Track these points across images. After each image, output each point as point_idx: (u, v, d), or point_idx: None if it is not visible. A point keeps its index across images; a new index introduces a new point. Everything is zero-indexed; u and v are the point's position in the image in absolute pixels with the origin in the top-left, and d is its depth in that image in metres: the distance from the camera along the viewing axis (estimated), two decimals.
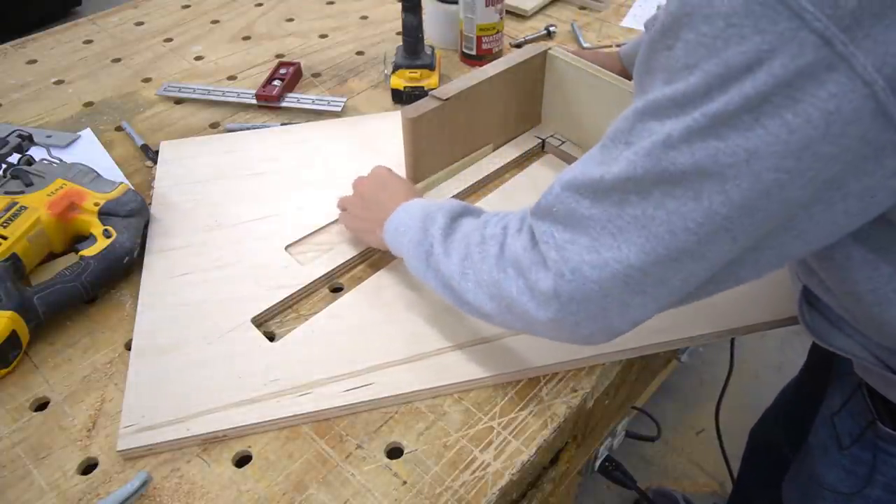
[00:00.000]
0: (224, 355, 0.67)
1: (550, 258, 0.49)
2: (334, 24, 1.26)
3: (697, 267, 0.45)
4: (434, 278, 0.61)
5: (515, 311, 0.53)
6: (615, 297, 0.48)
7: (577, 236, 0.48)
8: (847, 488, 0.65)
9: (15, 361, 0.67)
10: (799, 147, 0.38)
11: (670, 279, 0.46)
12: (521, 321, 0.54)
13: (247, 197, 0.85)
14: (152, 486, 0.58)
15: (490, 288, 0.55)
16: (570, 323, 0.50)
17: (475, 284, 0.57)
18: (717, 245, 0.44)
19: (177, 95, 1.05)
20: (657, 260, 0.45)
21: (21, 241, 0.72)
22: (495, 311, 0.56)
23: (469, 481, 0.58)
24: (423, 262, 0.62)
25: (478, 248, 0.57)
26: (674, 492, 1.39)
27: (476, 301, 0.57)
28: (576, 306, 0.49)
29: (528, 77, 0.90)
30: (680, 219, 0.43)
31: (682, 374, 1.67)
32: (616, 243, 0.46)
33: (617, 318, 0.50)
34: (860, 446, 0.63)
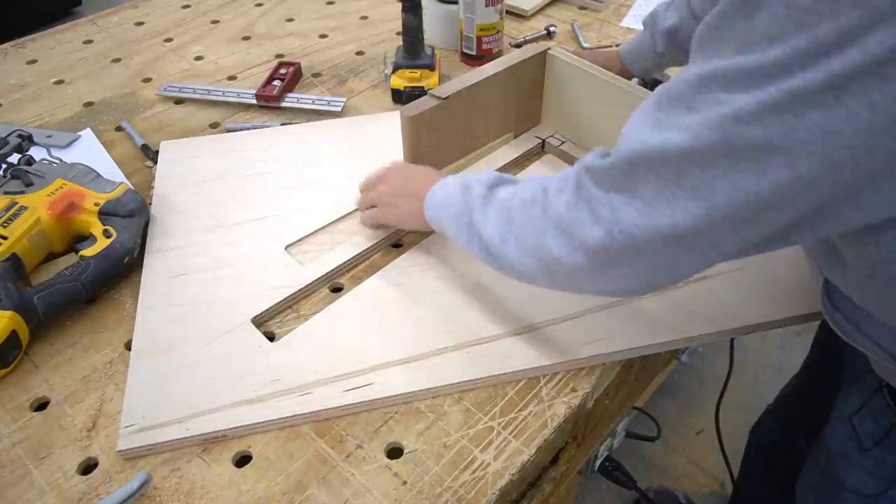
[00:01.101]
0: (224, 355, 0.67)
1: (602, 217, 0.49)
2: (334, 24, 1.26)
3: (753, 233, 0.45)
4: (477, 245, 0.62)
5: (559, 270, 0.54)
6: (664, 256, 0.48)
7: (632, 199, 0.47)
8: (870, 489, 0.65)
9: (15, 361, 0.67)
10: (882, 127, 0.37)
11: (723, 243, 0.46)
12: (566, 278, 0.55)
13: (247, 197, 0.85)
14: (152, 486, 0.58)
15: (532, 249, 0.56)
16: (616, 275, 0.51)
17: (517, 247, 0.57)
18: (776, 214, 0.43)
19: (177, 95, 1.05)
20: (713, 228, 0.45)
21: (21, 241, 0.72)
22: (538, 272, 0.57)
23: (469, 481, 0.58)
24: (465, 231, 0.63)
25: (518, 212, 0.57)
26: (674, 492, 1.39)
27: (519, 263, 0.58)
28: (623, 261, 0.49)
29: (528, 77, 0.90)
30: (742, 191, 0.42)
31: (682, 374, 1.67)
32: (671, 210, 0.45)
33: (663, 275, 0.51)
34: (883, 448, 0.63)
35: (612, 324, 0.69)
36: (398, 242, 0.81)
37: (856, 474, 0.66)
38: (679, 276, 0.51)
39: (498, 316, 0.70)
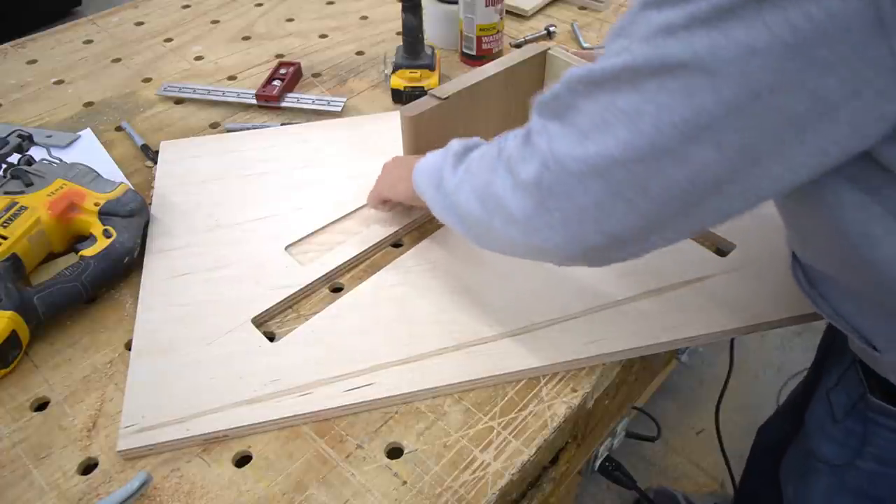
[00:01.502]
0: (224, 355, 0.67)
1: (539, 149, 0.49)
2: (334, 24, 1.26)
3: (678, 172, 0.44)
4: (440, 200, 0.62)
5: (498, 212, 0.53)
6: (593, 194, 0.47)
7: (568, 128, 0.47)
8: (840, 460, 0.66)
9: (15, 361, 0.67)
10: (796, 47, 0.38)
11: (651, 184, 0.45)
12: (503, 224, 0.54)
13: (247, 197, 0.85)
14: (152, 486, 0.58)
15: (480, 191, 0.55)
16: (544, 223, 0.50)
17: (469, 191, 0.57)
18: (700, 149, 0.43)
19: (177, 95, 1.05)
20: (639, 156, 0.44)
21: (21, 241, 0.72)
22: (481, 218, 0.56)
23: (469, 481, 0.58)
24: (434, 187, 0.63)
25: (477, 160, 0.58)
26: (674, 492, 1.39)
27: (467, 207, 0.57)
28: (553, 201, 0.48)
29: (527, 77, 0.89)
30: (668, 113, 0.42)
31: (682, 374, 1.67)
32: (603, 137, 0.45)
33: (591, 224, 0.48)
34: (853, 419, 0.64)
35: (612, 324, 0.69)
36: (398, 242, 0.81)
37: (828, 446, 0.68)
38: (608, 229, 0.48)
39: (498, 316, 0.70)
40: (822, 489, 0.70)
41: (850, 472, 0.66)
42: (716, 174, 0.44)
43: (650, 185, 0.45)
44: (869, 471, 0.64)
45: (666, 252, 0.77)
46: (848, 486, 0.67)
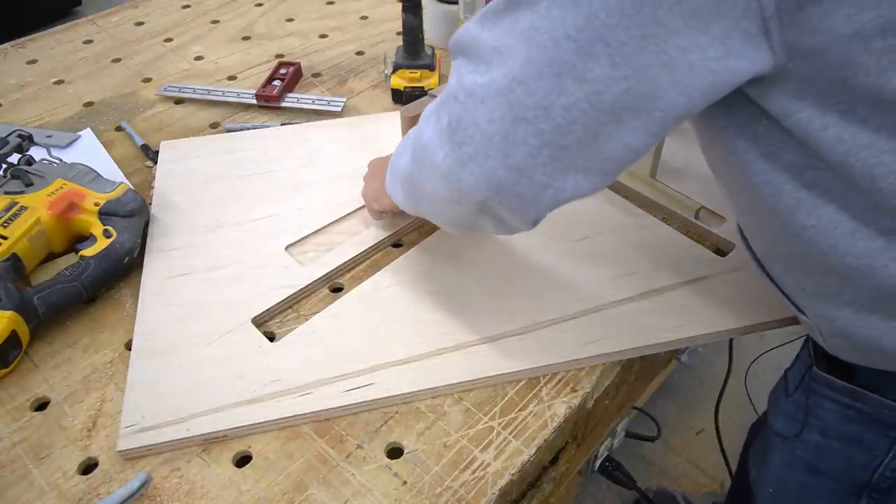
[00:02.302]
0: (224, 355, 0.67)
1: (452, 87, 0.49)
2: (334, 24, 1.26)
3: (578, 90, 0.44)
4: (389, 175, 0.63)
5: (425, 162, 0.53)
6: (498, 120, 0.47)
7: (475, 62, 0.48)
8: (789, 432, 0.67)
9: (15, 361, 0.67)
10: None
11: (552, 103, 0.45)
12: (428, 173, 0.54)
13: (247, 197, 0.85)
14: (152, 486, 0.58)
15: (413, 146, 0.56)
16: (458, 161, 0.49)
17: (408, 153, 0.57)
18: (595, 63, 0.43)
19: (177, 95, 1.05)
20: (539, 73, 0.44)
21: (21, 241, 0.72)
22: (412, 170, 0.56)
23: (469, 481, 0.58)
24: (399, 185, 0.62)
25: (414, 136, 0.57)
26: (674, 492, 1.39)
27: (403, 166, 0.58)
28: (462, 133, 0.48)
29: None
30: (562, 24, 0.43)
31: (682, 374, 1.67)
32: (504, 59, 0.45)
33: (499, 155, 0.48)
34: (800, 392, 0.65)
35: (612, 324, 0.69)
36: (398, 242, 0.81)
37: (780, 420, 0.69)
38: (517, 163, 0.48)
39: (498, 316, 0.70)
40: (776, 465, 0.71)
41: (798, 446, 0.66)
42: (614, 96, 0.44)
43: (552, 106, 0.45)
44: (814, 443, 0.64)
45: (666, 252, 0.78)
46: (798, 459, 0.67)
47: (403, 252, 0.79)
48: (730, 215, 0.81)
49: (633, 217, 0.82)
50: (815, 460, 0.66)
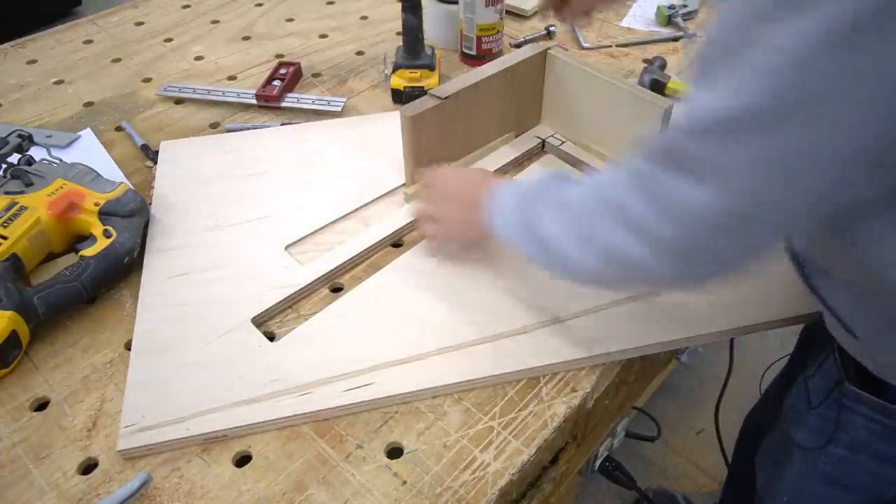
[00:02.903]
0: (224, 355, 0.67)
1: (662, 204, 0.46)
2: (334, 24, 1.26)
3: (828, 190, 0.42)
4: (533, 245, 0.59)
5: (626, 266, 0.51)
6: (736, 235, 0.45)
7: (698, 180, 0.44)
8: (813, 445, 0.67)
9: (15, 361, 0.67)
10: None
11: (798, 206, 0.43)
12: (635, 276, 0.52)
13: (247, 197, 0.85)
14: (152, 486, 0.58)
15: (599, 251, 0.52)
16: (688, 271, 0.49)
17: (574, 242, 0.54)
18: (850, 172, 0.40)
19: (177, 95, 1.05)
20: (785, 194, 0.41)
21: (21, 241, 0.72)
22: (604, 270, 0.53)
23: (469, 481, 0.58)
24: (522, 231, 0.60)
25: (575, 206, 0.55)
26: (674, 492, 1.39)
27: (574, 260, 0.55)
28: (695, 253, 0.46)
29: (527, 77, 0.89)
30: (816, 148, 0.39)
31: (682, 374, 1.67)
32: (740, 184, 0.42)
33: (735, 257, 0.47)
34: (827, 405, 0.65)
35: (612, 324, 0.69)
36: (398, 242, 0.81)
37: (802, 431, 0.69)
38: (753, 255, 0.47)
39: (498, 316, 0.70)
40: (793, 475, 0.71)
41: (822, 458, 0.66)
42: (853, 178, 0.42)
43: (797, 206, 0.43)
44: (840, 457, 0.65)
45: None
46: (819, 471, 0.67)
47: (403, 252, 0.79)
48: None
49: None
50: (839, 473, 0.66)
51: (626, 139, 0.85)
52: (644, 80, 1.03)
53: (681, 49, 1.18)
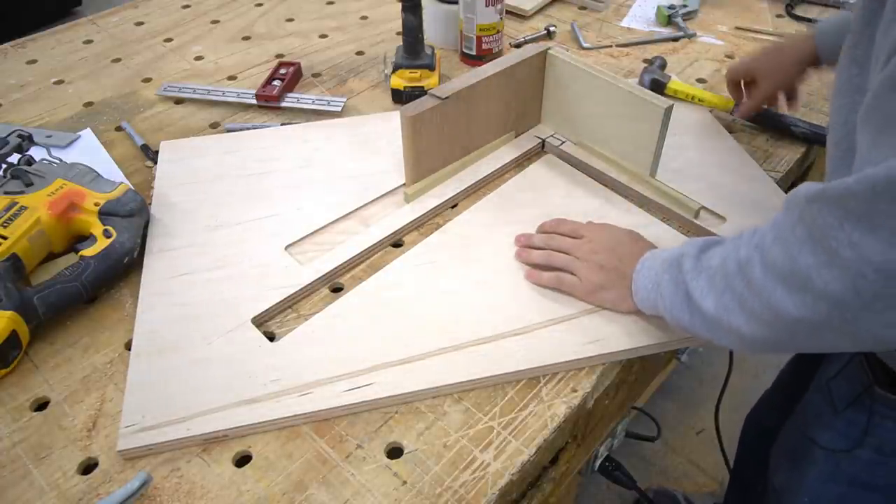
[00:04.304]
0: (224, 355, 0.67)
1: (842, 257, 0.44)
2: (334, 24, 1.26)
3: None
4: (699, 322, 0.57)
5: (800, 329, 0.48)
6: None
7: (879, 232, 0.42)
8: (838, 448, 0.67)
9: (15, 361, 0.67)
10: None
11: None
12: (810, 337, 0.49)
13: (247, 197, 0.85)
14: (152, 486, 0.58)
15: (761, 314, 0.50)
16: (875, 322, 0.45)
17: (743, 315, 0.52)
18: None
19: (177, 95, 1.05)
20: None
21: (21, 241, 0.72)
22: (774, 336, 0.51)
23: (469, 481, 0.58)
24: (684, 308, 0.58)
25: (735, 276, 0.52)
26: (674, 492, 1.39)
27: (750, 332, 0.52)
28: (881, 304, 0.44)
29: (527, 77, 0.89)
30: None
31: (682, 374, 1.67)
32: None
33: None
34: (855, 409, 0.65)
35: (612, 324, 0.69)
36: (398, 242, 0.81)
37: (828, 434, 0.69)
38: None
39: (498, 316, 0.70)
40: (815, 476, 0.71)
41: (847, 461, 0.67)
42: None
43: None
44: (867, 459, 0.65)
45: None
46: (844, 474, 0.68)
47: (403, 252, 0.79)
48: (731, 216, 0.81)
49: (633, 217, 0.82)
50: (866, 476, 0.66)
51: (626, 139, 0.85)
52: (644, 81, 1.03)
53: (681, 49, 1.18)
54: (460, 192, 0.86)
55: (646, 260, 0.65)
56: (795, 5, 1.30)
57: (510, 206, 0.84)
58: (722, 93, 1.00)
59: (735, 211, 0.82)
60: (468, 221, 0.82)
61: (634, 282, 0.65)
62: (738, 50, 1.17)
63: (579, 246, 0.71)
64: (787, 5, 1.30)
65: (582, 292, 0.70)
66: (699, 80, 1.09)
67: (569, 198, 0.86)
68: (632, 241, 0.71)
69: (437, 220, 0.84)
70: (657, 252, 0.66)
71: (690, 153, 0.91)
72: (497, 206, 0.84)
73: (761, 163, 0.91)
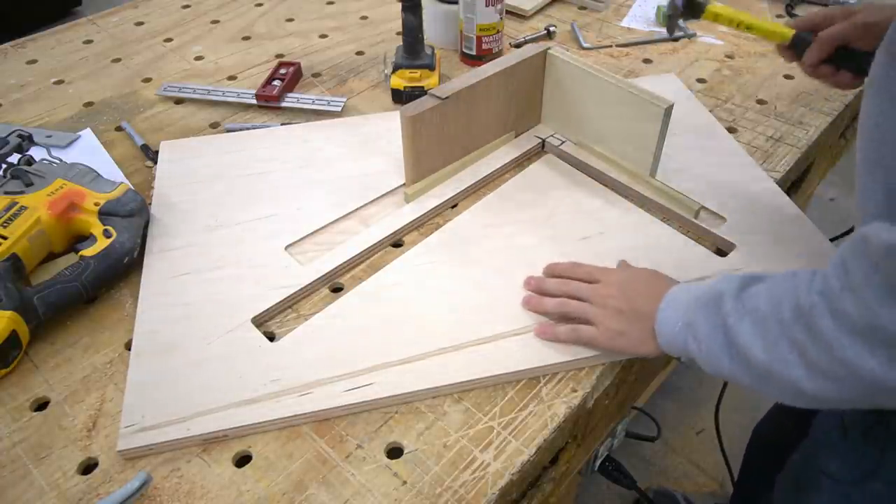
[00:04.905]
0: (224, 355, 0.67)
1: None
2: (334, 24, 1.26)
3: None
4: (744, 372, 0.52)
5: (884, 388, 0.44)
6: None
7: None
8: (849, 478, 0.65)
9: (15, 361, 0.67)
10: None
11: None
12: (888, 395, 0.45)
13: (247, 197, 0.85)
14: (152, 486, 0.58)
15: (833, 370, 0.46)
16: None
17: (803, 367, 0.47)
18: None
19: (177, 95, 1.05)
20: None
21: (21, 241, 0.72)
22: (852, 394, 0.46)
23: (469, 481, 0.58)
24: (725, 353, 0.53)
25: (793, 324, 0.48)
26: (674, 492, 1.39)
27: (810, 386, 0.47)
28: None
29: (527, 77, 0.89)
30: None
31: (682, 374, 1.67)
32: None
33: None
34: (869, 440, 0.63)
35: None
36: (398, 242, 0.81)
37: (836, 462, 0.66)
38: None
39: (498, 316, 0.70)
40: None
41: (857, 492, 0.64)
42: None
43: None
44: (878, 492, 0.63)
45: (666, 252, 0.78)
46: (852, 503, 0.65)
47: (403, 252, 0.79)
48: (731, 216, 0.81)
49: (633, 217, 0.82)
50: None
51: (626, 139, 0.85)
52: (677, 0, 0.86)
53: (681, 49, 1.18)
54: (460, 192, 0.86)
55: (672, 297, 0.60)
56: (795, 5, 1.30)
57: (510, 206, 0.84)
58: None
59: (735, 211, 0.82)
60: (468, 221, 0.82)
61: (658, 321, 0.60)
62: (738, 50, 1.17)
63: (596, 290, 0.67)
64: (787, 5, 1.30)
65: (601, 342, 0.65)
66: (699, 80, 1.09)
67: (569, 198, 0.86)
68: (651, 279, 0.66)
69: (437, 220, 0.84)
70: (684, 287, 0.61)
71: (690, 153, 0.91)
72: (497, 206, 0.84)
73: (761, 163, 0.91)
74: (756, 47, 1.18)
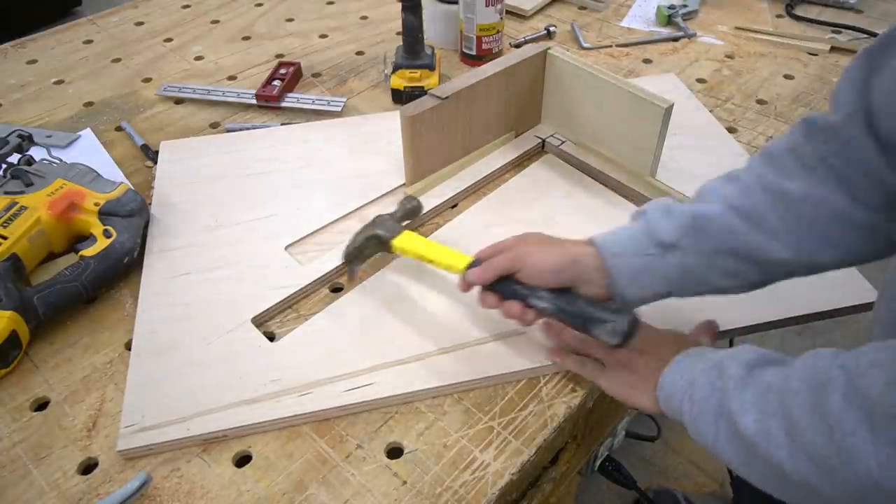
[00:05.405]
0: (224, 355, 0.67)
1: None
2: (334, 24, 1.26)
3: None
4: (726, 441, 0.49)
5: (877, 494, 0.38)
6: None
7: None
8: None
9: (15, 361, 0.67)
10: None
11: None
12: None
13: (247, 197, 0.85)
14: (152, 486, 0.58)
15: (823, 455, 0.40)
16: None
17: (794, 450, 0.42)
18: None
19: (177, 95, 1.05)
20: None
21: (21, 241, 0.72)
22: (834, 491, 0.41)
23: (469, 481, 0.58)
24: (711, 420, 0.50)
25: (797, 397, 0.43)
26: (674, 491, 1.39)
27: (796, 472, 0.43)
28: None
29: (527, 77, 0.90)
30: None
31: None
32: None
33: None
34: None
35: None
36: None
37: None
38: None
39: (498, 316, 0.70)
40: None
41: None
42: None
43: None
44: None
45: None
46: None
47: None
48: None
49: None
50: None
51: (626, 139, 0.85)
52: None
53: (681, 49, 1.18)
54: (460, 192, 0.86)
55: (686, 355, 0.57)
56: (795, 5, 1.30)
57: (510, 206, 0.84)
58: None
59: None
60: (468, 221, 0.82)
61: (664, 375, 0.57)
62: (738, 50, 1.17)
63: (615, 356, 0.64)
64: (787, 5, 1.30)
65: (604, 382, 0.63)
66: (699, 80, 1.09)
67: (569, 198, 0.86)
68: (671, 340, 0.63)
69: (437, 220, 0.84)
70: (703, 350, 0.57)
71: (690, 153, 0.91)
72: (497, 206, 0.84)
73: None
74: (756, 47, 1.18)
